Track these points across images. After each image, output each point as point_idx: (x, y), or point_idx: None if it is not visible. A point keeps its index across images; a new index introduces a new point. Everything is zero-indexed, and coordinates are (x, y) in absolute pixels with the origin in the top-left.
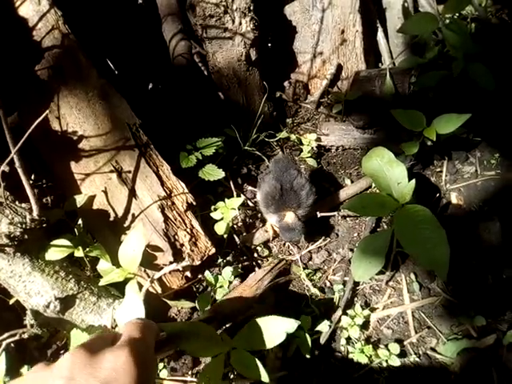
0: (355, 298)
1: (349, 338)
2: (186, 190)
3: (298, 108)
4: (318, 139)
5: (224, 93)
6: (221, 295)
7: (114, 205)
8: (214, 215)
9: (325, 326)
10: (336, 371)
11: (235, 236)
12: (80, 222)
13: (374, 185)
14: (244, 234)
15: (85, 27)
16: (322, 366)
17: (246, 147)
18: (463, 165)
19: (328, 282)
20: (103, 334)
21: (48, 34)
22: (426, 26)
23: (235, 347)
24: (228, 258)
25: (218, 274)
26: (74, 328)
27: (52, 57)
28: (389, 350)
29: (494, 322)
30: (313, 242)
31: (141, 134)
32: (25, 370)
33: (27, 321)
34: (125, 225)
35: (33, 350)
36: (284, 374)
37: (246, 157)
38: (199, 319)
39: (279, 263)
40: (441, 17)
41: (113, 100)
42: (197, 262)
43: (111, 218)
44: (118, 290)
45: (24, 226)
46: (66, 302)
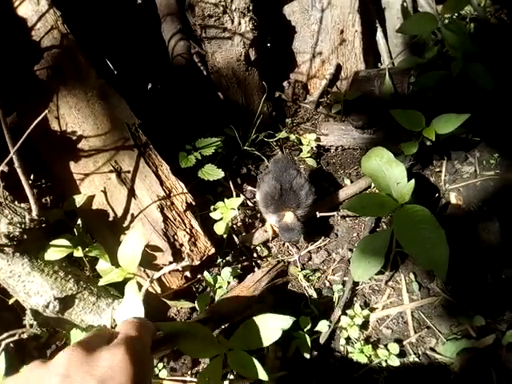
0: (354, 298)
1: (348, 338)
2: (186, 190)
3: (297, 108)
4: (318, 139)
5: (223, 93)
6: (220, 296)
7: (113, 205)
8: (214, 215)
9: (324, 326)
10: (335, 371)
11: (234, 236)
12: (79, 221)
13: (373, 185)
14: (243, 234)
15: (84, 27)
16: (322, 366)
17: (245, 147)
18: (462, 165)
19: (327, 282)
20: (100, 332)
21: (47, 33)
22: (425, 26)
23: (232, 348)
24: (227, 258)
25: (218, 275)
26: (73, 328)
27: (51, 57)
28: (388, 350)
29: (493, 322)
30: (312, 242)
31: (140, 134)
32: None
33: (26, 321)
34: (124, 225)
35: (32, 349)
36: (284, 374)
37: (245, 157)
38: (196, 319)
39: (277, 264)
40: (440, 17)
41: (112, 100)
42: (196, 261)
43: (110, 218)
44: (118, 290)
45: (23, 226)
46: (66, 302)
